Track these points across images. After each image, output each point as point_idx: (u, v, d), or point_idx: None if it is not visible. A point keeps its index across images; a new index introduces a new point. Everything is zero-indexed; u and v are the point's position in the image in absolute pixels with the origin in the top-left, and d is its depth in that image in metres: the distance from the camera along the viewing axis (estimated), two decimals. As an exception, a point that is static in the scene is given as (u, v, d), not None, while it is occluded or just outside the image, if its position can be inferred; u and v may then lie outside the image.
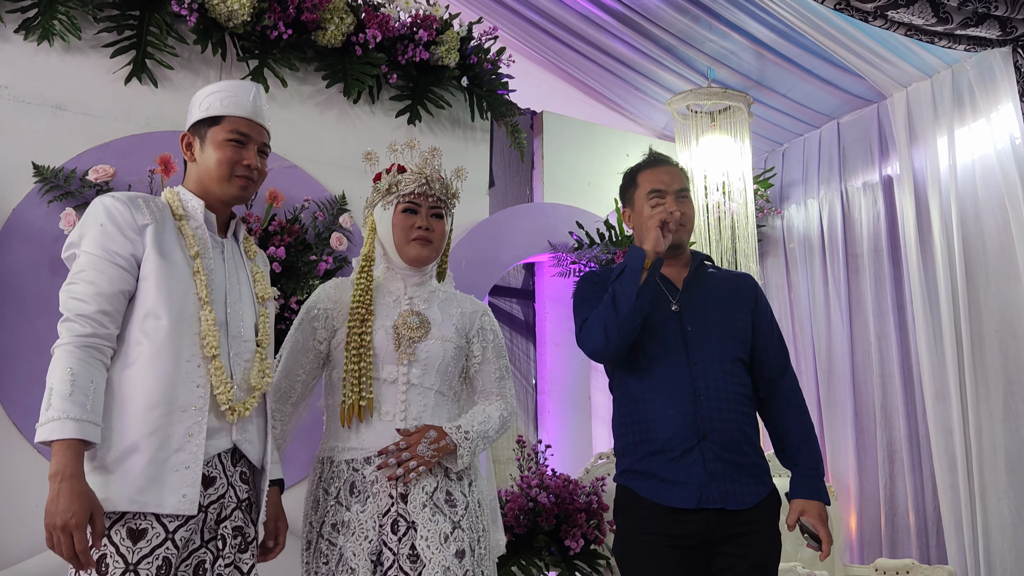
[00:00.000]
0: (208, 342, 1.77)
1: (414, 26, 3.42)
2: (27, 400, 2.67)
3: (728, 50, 4.01)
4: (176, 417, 1.71)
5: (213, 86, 1.96)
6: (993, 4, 3.15)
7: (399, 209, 2.13)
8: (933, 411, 3.60)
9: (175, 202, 1.89)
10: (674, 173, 2.28)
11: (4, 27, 2.87)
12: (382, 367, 2.04)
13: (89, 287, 1.69)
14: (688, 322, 2.16)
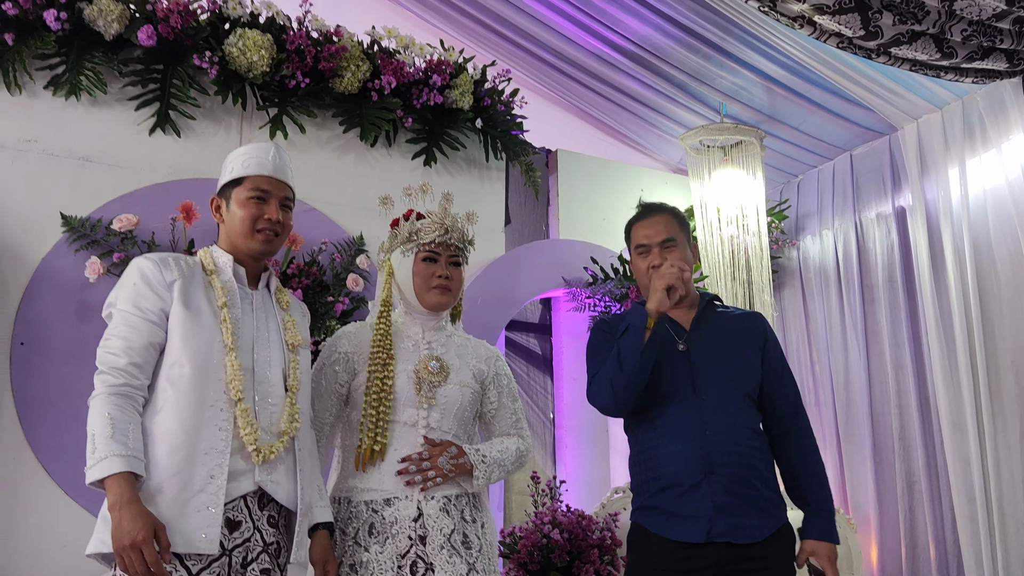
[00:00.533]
0: (233, 387, 1.86)
1: (428, 71, 3.51)
2: (54, 443, 2.77)
3: (739, 86, 4.06)
4: (198, 460, 1.79)
5: (237, 151, 2.09)
6: (998, 38, 3.17)
7: (419, 258, 2.20)
8: (950, 442, 3.58)
9: (207, 259, 2.01)
10: (658, 224, 2.30)
11: (34, 83, 3.00)
12: (402, 411, 2.10)
13: (121, 342, 1.82)
14: (695, 359, 2.20)
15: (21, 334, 2.81)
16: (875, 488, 3.96)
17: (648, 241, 2.27)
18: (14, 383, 2.77)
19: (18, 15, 2.90)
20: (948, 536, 3.65)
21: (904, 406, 3.91)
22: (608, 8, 3.79)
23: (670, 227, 2.30)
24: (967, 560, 3.48)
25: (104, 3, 2.98)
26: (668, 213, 2.36)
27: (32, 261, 2.88)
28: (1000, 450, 3.46)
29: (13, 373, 2.78)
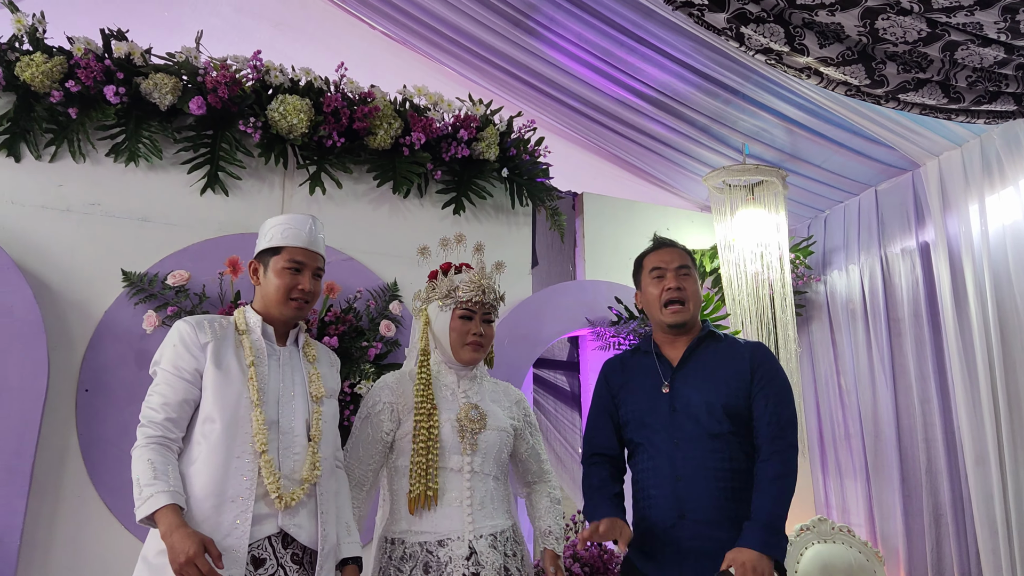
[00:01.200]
0: (258, 439, 2.07)
1: (456, 126, 3.73)
2: (115, 481, 3.03)
3: (760, 127, 4.19)
4: (226, 507, 2.00)
5: (276, 219, 2.30)
6: (1004, 82, 3.26)
7: (456, 314, 2.38)
8: (974, 476, 3.63)
9: (240, 319, 2.24)
10: (674, 252, 2.48)
11: (96, 152, 3.31)
12: (448, 457, 2.27)
13: (160, 399, 2.07)
14: (676, 403, 2.31)
15: (86, 381, 3.09)
16: (903, 521, 4.01)
17: (664, 265, 2.43)
18: (79, 426, 3.05)
19: (81, 91, 3.21)
20: (974, 570, 3.69)
21: (931, 439, 3.96)
22: (629, 58, 3.97)
23: (684, 257, 2.48)
24: (991, 593, 3.52)
25: (159, 77, 3.27)
26: (683, 248, 2.54)
27: (96, 314, 3.17)
28: (1022, 484, 3.50)
29: (79, 417, 3.05)
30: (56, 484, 2.98)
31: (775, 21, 3.00)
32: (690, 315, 2.42)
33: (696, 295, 2.45)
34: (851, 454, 4.34)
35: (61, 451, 3.01)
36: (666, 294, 2.40)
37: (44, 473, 2.96)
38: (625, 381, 2.47)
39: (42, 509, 2.94)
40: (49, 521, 2.95)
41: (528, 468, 2.46)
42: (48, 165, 3.24)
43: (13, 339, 2.95)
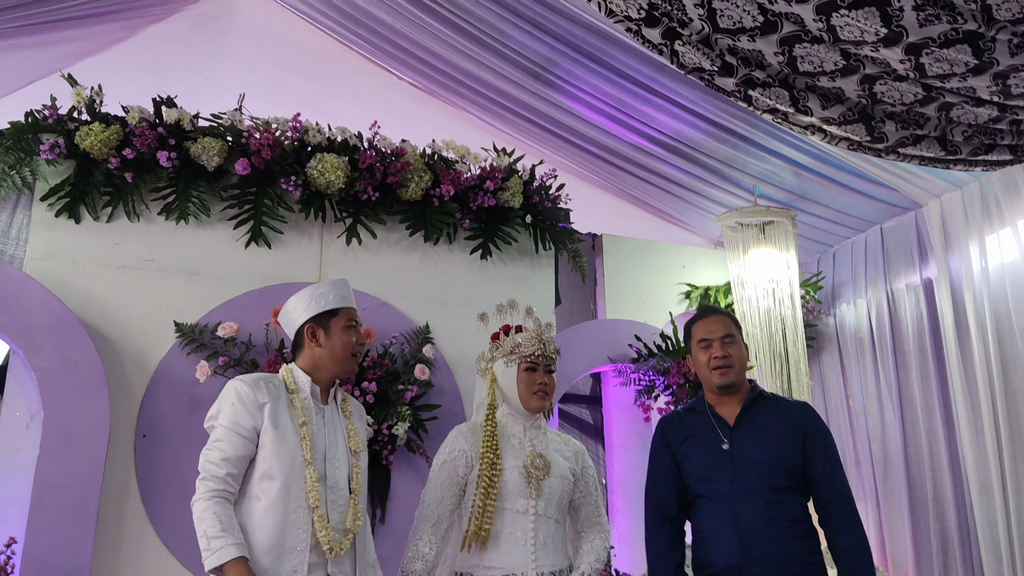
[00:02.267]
0: (311, 496, 2.28)
1: (483, 178, 3.96)
2: (171, 520, 3.26)
3: (769, 171, 4.41)
4: (285, 558, 2.22)
5: (320, 286, 2.51)
6: (999, 135, 3.46)
7: (522, 368, 2.62)
8: (979, 504, 3.82)
9: (289, 378, 2.44)
10: (720, 322, 2.71)
11: (149, 211, 3.55)
12: (515, 500, 2.48)
13: (220, 454, 2.26)
14: (737, 458, 2.53)
15: (143, 427, 3.33)
16: (913, 547, 4.19)
17: (710, 336, 2.66)
18: (138, 469, 3.28)
19: (135, 157, 3.45)
20: (980, 593, 3.87)
21: (937, 468, 4.15)
22: (643, 108, 4.20)
23: (729, 326, 2.71)
24: (997, 616, 3.70)
25: (206, 141, 3.52)
26: (726, 315, 2.76)
27: (151, 364, 3.41)
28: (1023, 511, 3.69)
29: (137, 461, 3.29)
30: (118, 524, 3.21)
31: (780, 85, 3.22)
32: (735, 377, 2.63)
33: (741, 359, 2.66)
34: (861, 480, 4.53)
35: (122, 494, 3.24)
36: (713, 361, 2.62)
37: (107, 515, 3.19)
38: (685, 437, 2.67)
39: (106, 548, 3.17)
40: (113, 559, 3.18)
41: (582, 515, 2.66)
42: (105, 225, 3.49)
43: (79, 391, 3.19)
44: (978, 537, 3.83)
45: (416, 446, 3.57)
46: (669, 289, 4.65)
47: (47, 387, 3.15)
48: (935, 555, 4.08)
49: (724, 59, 3.16)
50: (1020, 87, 3.04)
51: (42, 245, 3.40)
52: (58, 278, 3.36)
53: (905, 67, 2.96)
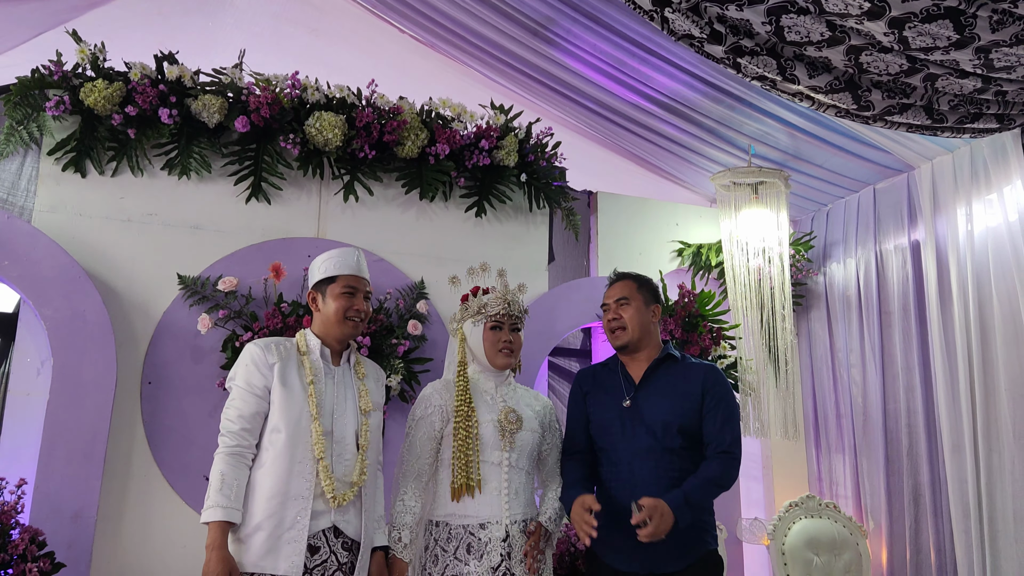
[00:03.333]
0: (317, 448, 2.45)
1: (478, 136, 4.04)
2: (176, 463, 3.45)
3: (764, 131, 4.45)
4: (289, 504, 2.39)
5: (326, 255, 2.65)
6: (985, 105, 3.50)
7: (487, 327, 2.78)
8: (950, 462, 3.96)
9: (302, 342, 2.61)
10: (617, 287, 2.89)
11: (152, 167, 3.67)
12: (490, 453, 2.66)
13: (236, 412, 2.46)
14: (635, 417, 2.70)
15: (149, 375, 3.49)
16: (886, 498, 4.36)
17: (607, 300, 2.88)
18: (144, 415, 3.46)
19: (138, 113, 3.55)
20: (947, 546, 4.04)
21: (913, 425, 4.29)
22: (640, 67, 4.24)
23: (625, 289, 2.85)
24: (961, 569, 3.87)
25: (207, 98, 3.61)
26: (632, 280, 2.90)
27: (156, 314, 3.56)
28: (993, 472, 3.82)
29: (143, 407, 3.46)
30: (126, 466, 3.40)
31: (768, 54, 3.27)
32: (627, 338, 2.77)
33: (636, 320, 2.79)
34: (841, 433, 4.68)
35: (129, 437, 3.42)
36: (607, 324, 2.84)
37: (115, 456, 3.38)
38: (595, 390, 2.85)
39: (114, 488, 3.36)
40: (120, 498, 3.38)
41: (548, 466, 2.84)
42: (110, 180, 3.61)
43: (86, 340, 3.35)
44: (948, 493, 3.98)
45: (409, 396, 3.72)
46: (662, 247, 4.74)
47: (56, 336, 3.32)
48: (907, 507, 4.24)
49: (713, 27, 3.22)
50: (1002, 61, 3.08)
51: (50, 198, 3.53)
52: (65, 231, 3.50)
53: (889, 40, 3.01)
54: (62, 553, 3.09)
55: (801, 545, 4.08)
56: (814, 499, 4.29)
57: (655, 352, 2.81)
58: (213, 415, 3.54)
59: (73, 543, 3.19)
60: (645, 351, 2.81)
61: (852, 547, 4.17)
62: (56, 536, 3.12)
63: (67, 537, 3.17)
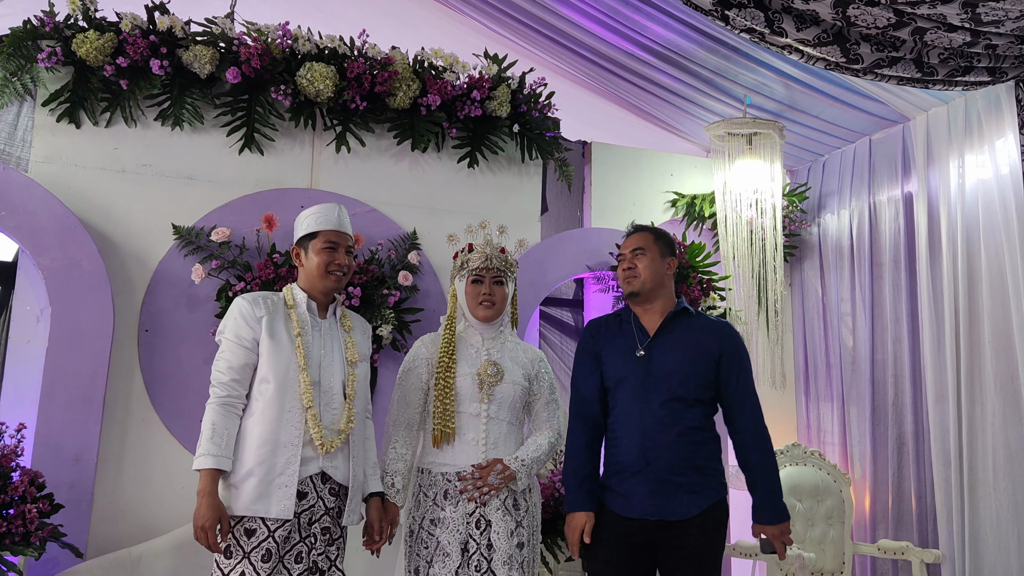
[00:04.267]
0: (304, 397, 2.53)
1: (470, 87, 4.04)
2: (174, 408, 3.56)
3: (760, 82, 4.43)
4: (279, 451, 2.48)
5: (309, 210, 2.71)
6: (976, 58, 3.48)
7: (469, 281, 2.85)
8: (933, 412, 4.03)
9: (289, 296, 2.67)
10: (634, 238, 2.89)
11: (145, 118, 3.71)
12: (468, 404, 2.73)
13: (226, 363, 2.53)
14: (648, 367, 2.71)
15: (145, 323, 3.58)
16: (871, 446, 4.44)
17: (623, 251, 2.88)
18: (142, 361, 3.56)
19: (130, 64, 3.58)
20: (928, 494, 4.13)
21: (899, 376, 4.35)
22: (635, 16, 4.21)
23: (641, 240, 2.86)
24: (940, 516, 3.97)
25: (198, 49, 3.63)
26: (649, 232, 2.90)
27: (151, 264, 3.63)
28: (976, 423, 3.89)
29: (141, 354, 3.56)
30: (125, 411, 3.51)
31: (755, 6, 3.26)
32: (638, 286, 2.80)
33: (650, 271, 2.80)
34: (830, 383, 4.75)
35: (128, 383, 3.53)
36: (621, 274, 2.86)
37: (114, 402, 3.49)
38: (608, 340, 2.85)
39: (113, 432, 3.48)
40: (120, 441, 3.49)
41: (537, 416, 2.89)
42: (104, 130, 3.65)
43: (83, 288, 3.43)
44: (931, 442, 4.05)
45: (400, 345, 3.80)
46: (656, 197, 4.76)
47: (53, 285, 3.40)
48: (891, 456, 4.33)
49: (700, -22, 3.20)
50: (990, 15, 3.06)
51: (45, 149, 3.58)
52: (61, 181, 3.55)
53: (875, -8, 2.99)
54: (63, 495, 3.22)
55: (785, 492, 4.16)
56: (799, 447, 4.38)
57: (669, 305, 2.82)
58: (208, 362, 3.50)
59: (75, 484, 3.32)
60: (659, 303, 2.81)
61: (835, 494, 4.27)
62: (57, 478, 3.24)
63: (68, 479, 3.30)
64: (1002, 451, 3.76)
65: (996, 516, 3.76)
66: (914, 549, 3.91)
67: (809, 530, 4.18)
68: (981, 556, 3.80)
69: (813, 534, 4.17)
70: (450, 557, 2.58)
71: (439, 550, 2.60)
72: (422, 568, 2.63)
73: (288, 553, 2.47)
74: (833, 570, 4.15)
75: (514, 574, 2.58)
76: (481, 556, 2.59)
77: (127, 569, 3.26)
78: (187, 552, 3.34)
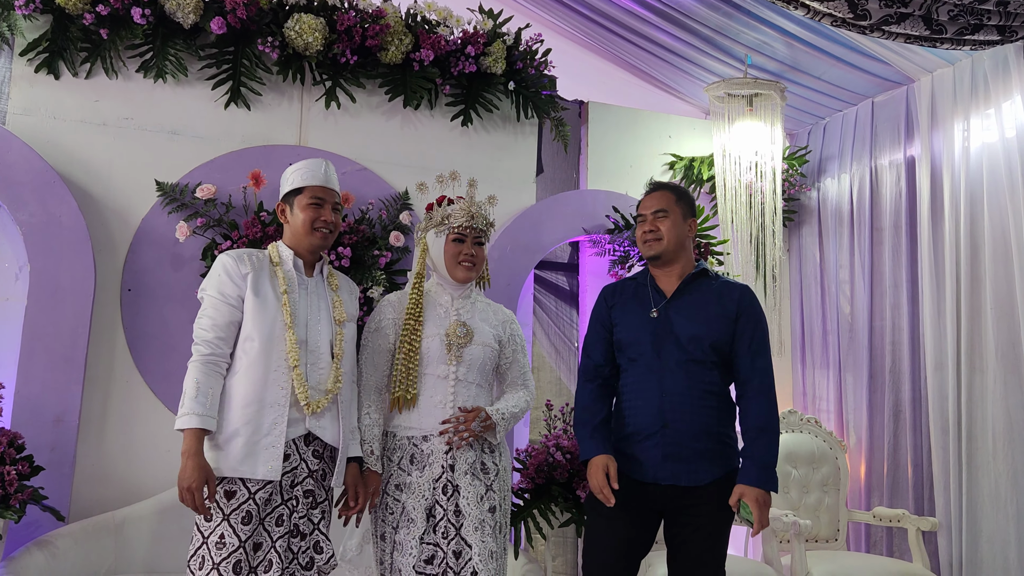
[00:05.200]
0: (291, 356, 2.42)
1: (464, 42, 3.92)
2: (158, 369, 3.47)
3: (762, 41, 4.31)
4: (265, 411, 2.38)
5: (295, 166, 2.57)
6: (986, 16, 3.37)
7: (450, 239, 2.67)
8: (932, 379, 3.97)
9: (274, 253, 2.55)
10: (655, 197, 2.75)
11: (127, 69, 3.57)
12: (436, 366, 2.59)
13: (209, 320, 2.41)
14: (665, 329, 2.62)
15: (128, 282, 3.48)
16: (867, 414, 4.39)
17: (644, 211, 2.73)
18: (124, 321, 3.46)
19: (110, 12, 3.44)
20: (924, 462, 4.09)
21: (897, 343, 4.29)
22: (635, -29, 4.09)
23: (664, 200, 2.72)
24: (937, 484, 3.92)
25: (182, -3, 3.49)
26: (671, 190, 2.77)
27: (134, 221, 3.52)
28: (975, 390, 3.84)
29: (123, 314, 3.46)
30: (107, 372, 3.42)
31: (762, -42, 3.13)
32: (661, 249, 2.69)
33: (673, 233, 2.69)
34: (826, 349, 4.69)
35: (110, 344, 3.43)
36: (643, 235, 2.71)
37: (96, 362, 3.40)
38: (623, 303, 2.75)
39: (95, 393, 3.39)
40: (102, 403, 3.40)
41: (507, 378, 2.77)
42: (84, 82, 3.52)
43: (63, 245, 3.32)
44: (928, 409, 4.00)
45: (391, 307, 3.71)
46: (653, 159, 4.66)
47: (32, 241, 3.29)
48: (887, 423, 4.28)
49: (705, -72, 3.07)
50: (1005, -32, 2.95)
51: (23, 100, 3.45)
52: (40, 134, 3.43)
53: (887, -57, 2.88)
54: (44, 457, 3.13)
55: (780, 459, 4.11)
56: (795, 414, 4.32)
57: (689, 267, 2.73)
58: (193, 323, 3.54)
59: (56, 447, 3.23)
60: (679, 265, 2.71)
61: (831, 461, 4.22)
62: (38, 440, 3.15)
63: (49, 441, 3.21)
64: (1002, 419, 3.71)
65: (995, 485, 3.71)
66: (910, 517, 3.87)
67: (804, 497, 4.13)
68: (979, 525, 3.76)
69: (808, 501, 4.13)
70: (415, 523, 2.47)
71: (404, 516, 2.49)
72: (388, 534, 2.52)
73: (269, 516, 2.38)
74: (828, 537, 4.11)
75: (487, 540, 2.47)
76: (448, 523, 2.48)
77: (111, 533, 3.19)
78: (172, 515, 3.27)
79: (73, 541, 3.06)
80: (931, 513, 3.99)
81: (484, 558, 2.42)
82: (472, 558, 2.43)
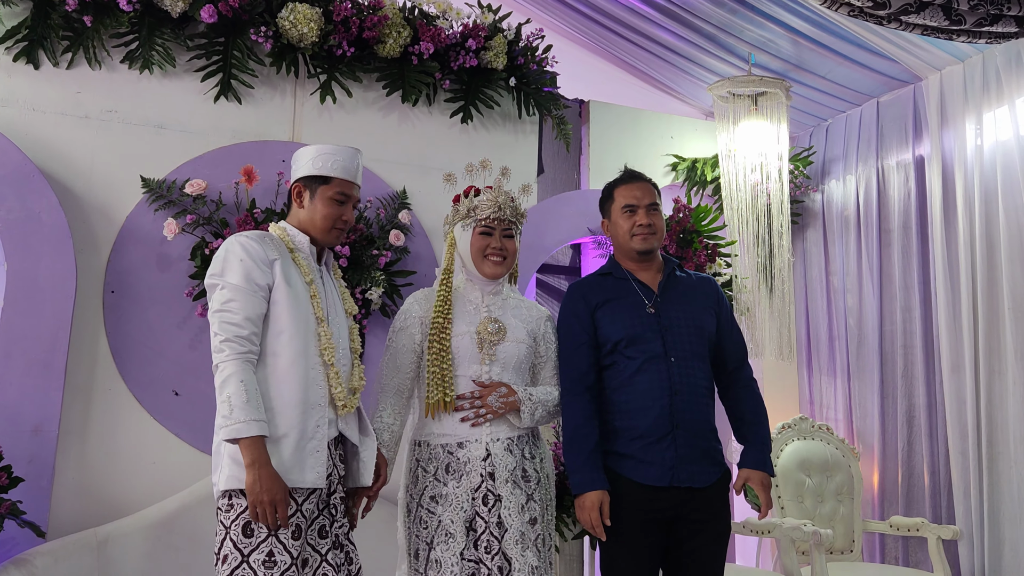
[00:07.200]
0: (327, 353, 2.21)
1: (464, 36, 3.77)
2: (142, 375, 3.27)
3: (766, 38, 4.22)
4: (309, 413, 2.15)
5: (325, 148, 2.32)
6: (1006, 5, 3.28)
7: (477, 232, 2.47)
8: (949, 383, 3.85)
9: (284, 237, 2.30)
10: (646, 189, 2.61)
11: (111, 59, 3.38)
12: (468, 366, 2.40)
13: (242, 313, 2.11)
14: (664, 322, 2.49)
15: (111, 283, 3.27)
16: (880, 420, 4.26)
17: (636, 203, 2.57)
18: (107, 325, 3.25)
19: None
20: (942, 468, 3.96)
21: (909, 346, 4.17)
22: (638, -34, 3.98)
23: (654, 194, 2.62)
24: (956, 491, 3.79)
25: (170, -16, 3.31)
26: (651, 182, 2.67)
27: (118, 219, 3.32)
28: (994, 392, 3.72)
29: (106, 317, 3.25)
30: (89, 379, 3.20)
31: (781, -58, 3.02)
32: (657, 243, 2.58)
33: (662, 227, 2.61)
34: (833, 356, 4.56)
35: (92, 349, 3.22)
36: (637, 229, 2.55)
37: (77, 369, 3.18)
38: (606, 300, 2.57)
39: (76, 401, 3.17)
40: (84, 411, 3.18)
41: (541, 376, 2.57)
42: (66, 72, 3.33)
43: (42, 243, 3.11)
44: (945, 414, 3.88)
45: (391, 311, 3.53)
46: (656, 160, 4.54)
47: (9, 239, 3.08)
48: (900, 429, 4.15)
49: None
50: (1033, -49, 2.85)
51: (1, 91, 3.25)
52: (17, 126, 3.23)
53: (913, -75, 2.77)
54: (22, 468, 2.91)
55: (793, 467, 3.98)
56: (807, 421, 4.18)
57: (659, 261, 2.63)
58: (182, 327, 3.34)
59: (34, 458, 3.01)
60: (656, 260, 2.61)
61: (844, 469, 4.08)
62: (15, 450, 2.93)
63: (27, 451, 2.99)
64: (1023, 423, 3.59)
65: (1018, 490, 3.59)
66: (930, 525, 3.73)
67: (819, 507, 3.98)
68: (1001, 532, 3.63)
69: (823, 511, 3.98)
70: (454, 538, 2.27)
71: (441, 530, 2.28)
72: (422, 551, 2.31)
73: (311, 528, 2.17)
74: (843, 548, 3.96)
75: (528, 555, 2.26)
76: (492, 536, 2.28)
77: (92, 551, 2.96)
78: (158, 532, 3.05)
79: (53, 559, 2.83)
80: (949, 521, 3.86)
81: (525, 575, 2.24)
82: (512, 575, 2.24)
